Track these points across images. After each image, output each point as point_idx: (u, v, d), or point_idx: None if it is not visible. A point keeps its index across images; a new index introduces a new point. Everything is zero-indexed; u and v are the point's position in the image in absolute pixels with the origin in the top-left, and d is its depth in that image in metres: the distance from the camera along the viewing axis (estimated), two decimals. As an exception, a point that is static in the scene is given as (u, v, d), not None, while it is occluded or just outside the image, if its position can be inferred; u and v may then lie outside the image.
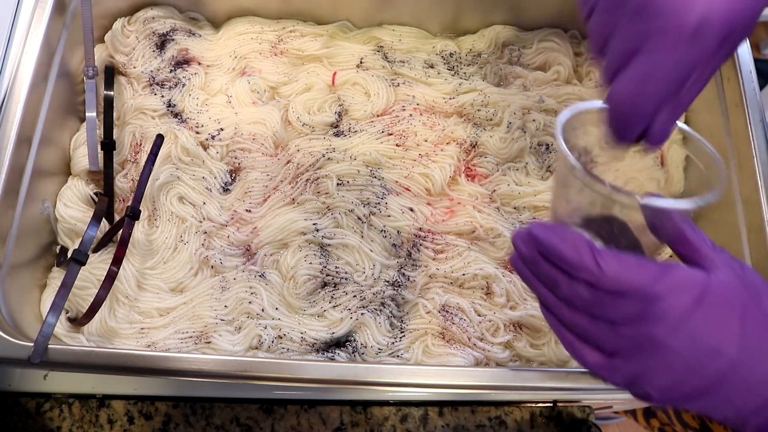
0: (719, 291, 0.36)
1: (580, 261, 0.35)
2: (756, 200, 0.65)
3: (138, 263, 0.67)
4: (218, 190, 0.71)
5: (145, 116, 0.74)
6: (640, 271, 0.35)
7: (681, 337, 0.34)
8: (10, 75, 0.64)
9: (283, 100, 0.76)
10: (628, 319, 0.35)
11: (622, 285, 0.34)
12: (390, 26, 0.81)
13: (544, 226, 0.37)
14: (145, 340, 0.63)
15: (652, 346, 0.35)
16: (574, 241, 0.36)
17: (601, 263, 0.35)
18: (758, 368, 0.35)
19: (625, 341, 0.36)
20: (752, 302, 0.36)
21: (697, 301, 0.35)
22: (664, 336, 0.34)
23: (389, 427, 0.64)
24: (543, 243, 0.37)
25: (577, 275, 0.36)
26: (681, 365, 0.35)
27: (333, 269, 0.66)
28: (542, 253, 0.37)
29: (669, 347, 0.35)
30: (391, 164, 0.72)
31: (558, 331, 0.39)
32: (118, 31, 0.76)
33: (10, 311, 0.59)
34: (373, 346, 0.63)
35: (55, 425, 0.62)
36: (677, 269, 0.36)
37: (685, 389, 0.35)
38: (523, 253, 0.38)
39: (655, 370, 0.36)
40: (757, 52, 1.94)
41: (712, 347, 0.35)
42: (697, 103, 0.76)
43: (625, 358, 0.36)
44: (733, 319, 0.35)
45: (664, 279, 0.35)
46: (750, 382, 0.35)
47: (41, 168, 0.66)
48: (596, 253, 0.35)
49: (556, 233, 0.36)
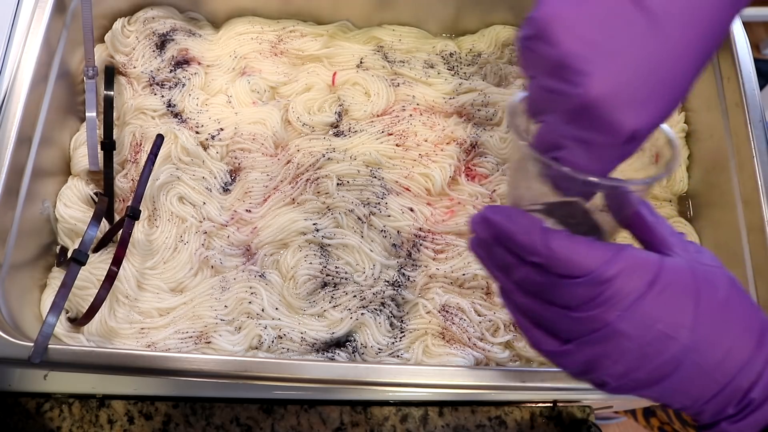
0: (673, 275, 0.35)
1: (530, 243, 0.34)
2: (756, 200, 0.65)
3: (138, 263, 0.67)
4: (218, 190, 0.71)
5: (145, 116, 0.74)
6: (591, 252, 0.34)
7: (633, 321, 0.34)
8: (10, 75, 0.64)
9: (283, 100, 0.76)
10: (580, 303, 0.34)
11: (572, 268, 0.34)
12: (390, 26, 0.81)
13: (498, 208, 0.37)
14: (145, 340, 0.63)
15: (604, 331, 0.34)
16: (525, 223, 0.35)
17: (551, 245, 0.34)
18: (712, 354, 0.34)
19: (578, 326, 0.35)
20: (707, 287, 0.35)
21: (649, 285, 0.34)
22: (615, 320, 0.34)
23: (389, 427, 0.64)
24: (495, 225, 0.36)
25: (529, 258, 0.35)
26: (634, 351, 0.34)
27: (333, 269, 0.66)
28: (495, 237, 0.37)
29: (621, 332, 0.34)
30: (391, 164, 0.72)
31: (514, 317, 0.39)
32: (118, 31, 0.76)
33: (10, 311, 0.59)
34: (373, 346, 0.63)
35: (55, 425, 0.62)
36: (630, 251, 0.35)
37: (639, 375, 0.35)
38: (479, 236, 0.38)
39: (608, 356, 0.35)
40: (757, 52, 1.94)
41: (665, 332, 0.34)
42: (697, 103, 0.77)
43: (579, 343, 0.35)
44: (686, 304, 0.34)
45: (616, 261, 0.34)
46: (705, 368, 0.34)
47: (41, 168, 0.66)
48: (546, 235, 0.34)
49: (509, 215, 0.36)
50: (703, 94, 0.75)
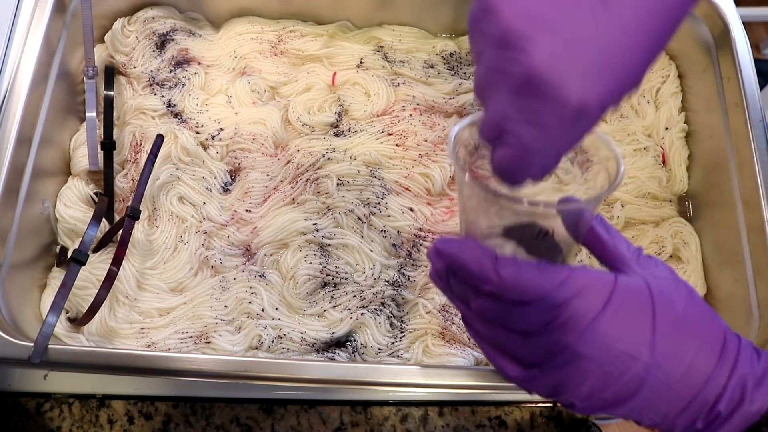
0: (628, 292, 0.35)
1: (481, 272, 0.34)
2: (756, 200, 0.65)
3: (138, 263, 0.67)
4: (218, 190, 0.71)
5: (145, 116, 0.74)
6: (542, 276, 0.34)
7: (592, 343, 0.33)
8: (10, 75, 0.64)
9: (283, 100, 0.76)
10: (538, 328, 0.34)
11: (524, 293, 0.33)
12: (390, 26, 0.81)
13: (448, 241, 0.36)
14: (145, 340, 0.63)
15: (564, 355, 0.34)
16: (476, 253, 0.35)
17: (501, 273, 0.33)
18: (674, 369, 0.34)
19: (539, 351, 0.35)
20: (663, 302, 0.35)
21: (604, 305, 0.34)
22: (574, 342, 0.33)
23: (389, 427, 0.64)
24: (448, 257, 0.36)
25: (483, 288, 0.35)
26: (597, 372, 0.34)
27: (333, 269, 0.66)
28: (449, 268, 0.36)
29: (581, 354, 0.34)
30: (391, 164, 0.72)
31: (479, 344, 0.38)
32: (118, 31, 0.76)
33: (10, 311, 0.59)
34: (373, 346, 0.63)
35: (55, 425, 0.62)
36: (582, 272, 0.35)
37: (606, 396, 0.35)
38: (436, 267, 0.38)
39: (572, 379, 0.35)
40: (757, 52, 1.94)
41: (625, 351, 0.34)
42: (697, 103, 0.77)
43: (542, 368, 0.35)
44: (644, 321, 0.34)
45: (568, 284, 0.34)
46: (669, 384, 0.34)
47: (41, 168, 0.66)
48: (497, 263, 0.34)
49: (460, 246, 0.35)
50: (703, 94, 0.75)
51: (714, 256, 0.70)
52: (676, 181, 0.75)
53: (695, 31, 0.76)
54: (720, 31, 0.74)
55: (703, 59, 0.76)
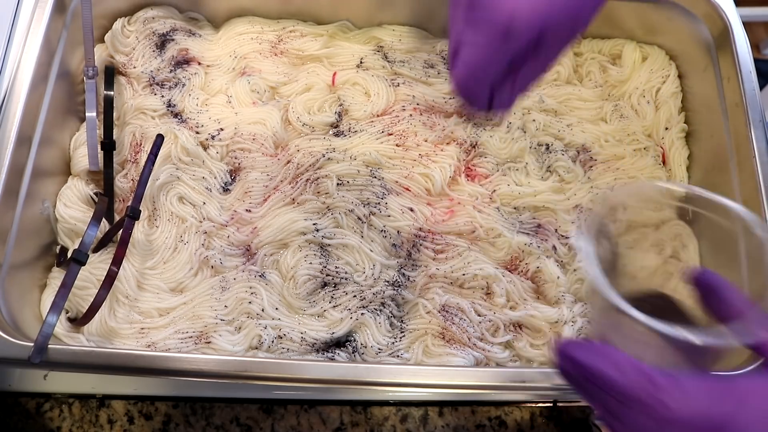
0: None
1: (639, 397, 0.31)
2: (756, 200, 0.65)
3: (138, 263, 0.67)
4: (218, 190, 0.71)
5: (145, 116, 0.74)
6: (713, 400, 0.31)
7: None
8: (10, 75, 0.64)
9: (283, 100, 0.76)
10: None
11: (694, 422, 0.31)
12: (390, 26, 0.81)
13: (589, 350, 0.33)
14: (145, 340, 0.63)
15: None
16: (629, 371, 0.32)
17: (666, 400, 0.31)
18: None
19: None
20: None
21: None
22: None
23: (389, 427, 0.64)
24: (592, 373, 0.33)
25: (636, 408, 0.32)
26: None
27: (333, 269, 0.66)
28: (589, 378, 0.33)
29: None
30: (391, 164, 0.72)
31: None
32: (118, 31, 0.76)
33: (10, 311, 0.59)
34: (373, 346, 0.63)
35: (55, 425, 0.62)
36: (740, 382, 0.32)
37: None
38: (569, 373, 0.35)
39: None
40: (757, 52, 1.94)
41: None
42: (697, 103, 0.77)
43: None
44: None
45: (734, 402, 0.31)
46: None
47: (41, 168, 0.66)
48: (657, 387, 0.31)
49: (607, 361, 0.32)
50: (703, 94, 0.75)
51: (712, 257, 0.70)
52: (675, 181, 0.75)
53: (695, 31, 0.76)
54: (720, 31, 0.74)
55: (703, 59, 0.76)
